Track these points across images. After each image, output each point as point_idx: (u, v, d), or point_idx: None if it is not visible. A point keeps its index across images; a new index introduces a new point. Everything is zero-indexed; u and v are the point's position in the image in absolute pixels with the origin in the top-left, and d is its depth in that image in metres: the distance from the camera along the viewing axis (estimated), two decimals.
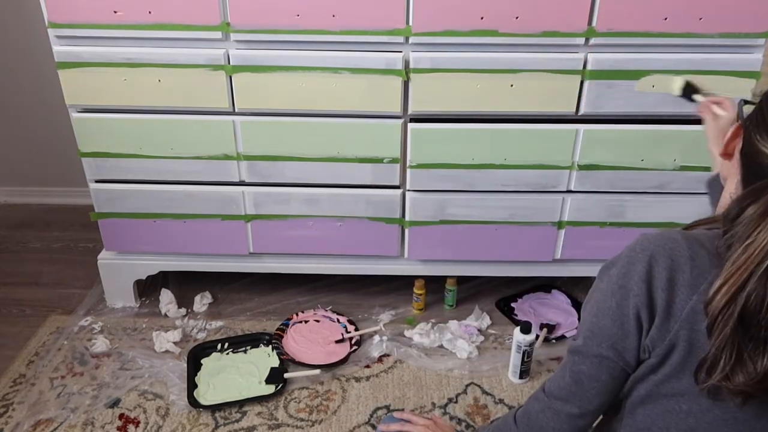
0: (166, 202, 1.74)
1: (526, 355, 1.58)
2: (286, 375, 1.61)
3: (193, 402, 1.53)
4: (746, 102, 0.82)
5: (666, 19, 1.49)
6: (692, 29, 1.50)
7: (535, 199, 1.71)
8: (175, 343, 1.75)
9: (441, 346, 1.75)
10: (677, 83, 1.42)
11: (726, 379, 0.70)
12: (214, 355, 1.71)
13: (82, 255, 2.21)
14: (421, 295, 1.89)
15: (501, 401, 1.56)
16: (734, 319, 0.68)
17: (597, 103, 1.57)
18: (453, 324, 1.81)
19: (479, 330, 1.81)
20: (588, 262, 1.85)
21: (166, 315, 1.89)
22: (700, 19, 1.48)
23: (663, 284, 0.74)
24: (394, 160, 1.67)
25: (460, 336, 1.76)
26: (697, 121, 1.61)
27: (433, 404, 1.55)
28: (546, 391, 0.91)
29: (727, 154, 0.82)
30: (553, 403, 0.89)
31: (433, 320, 1.84)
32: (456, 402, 1.56)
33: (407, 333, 1.79)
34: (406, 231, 1.77)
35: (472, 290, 2.01)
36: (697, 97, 1.41)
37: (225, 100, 1.59)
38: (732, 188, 0.81)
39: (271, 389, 1.58)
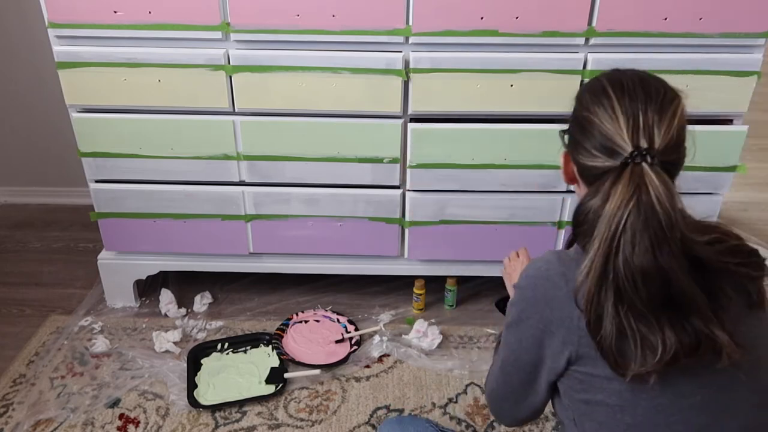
0: (166, 202, 1.74)
1: None
2: (286, 375, 1.61)
3: (193, 402, 1.53)
4: (564, 131, 0.93)
5: (666, 19, 1.49)
6: (692, 29, 1.50)
7: (535, 199, 1.71)
8: (175, 343, 1.75)
9: (440, 342, 1.75)
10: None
11: (643, 364, 0.75)
12: (214, 355, 1.71)
13: (82, 255, 2.21)
14: (421, 295, 1.89)
15: None
16: (611, 302, 0.75)
17: None
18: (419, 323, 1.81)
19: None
20: None
21: (166, 315, 1.89)
22: (700, 19, 1.48)
23: (550, 303, 0.83)
24: (394, 160, 1.67)
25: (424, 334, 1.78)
26: (697, 122, 1.62)
27: (433, 404, 1.55)
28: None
29: (571, 179, 0.92)
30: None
31: (432, 320, 1.84)
32: (456, 402, 1.56)
33: (405, 336, 1.79)
34: (406, 231, 1.77)
35: (472, 290, 2.01)
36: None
37: (225, 100, 1.59)
38: None
39: (271, 389, 1.58)
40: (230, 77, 1.56)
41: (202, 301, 1.93)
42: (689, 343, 0.75)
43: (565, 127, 0.92)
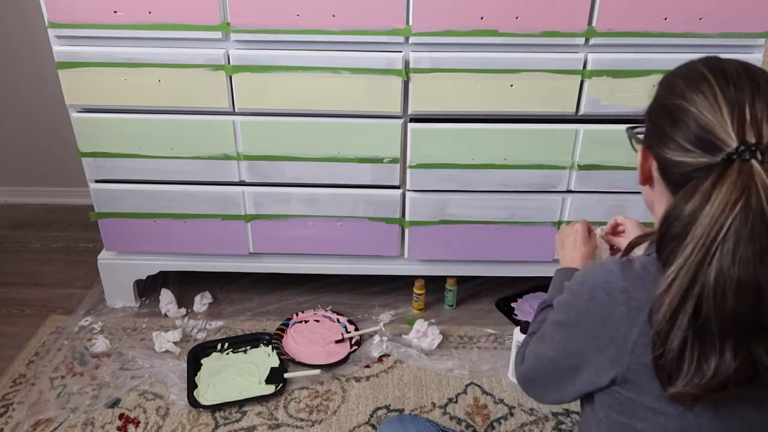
0: (166, 202, 1.74)
1: None
2: (286, 375, 1.61)
3: (193, 402, 1.53)
4: (632, 127, 0.84)
5: (666, 19, 1.49)
6: (692, 29, 1.50)
7: (535, 199, 1.71)
8: (175, 343, 1.75)
9: (440, 342, 1.75)
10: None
11: (688, 384, 0.69)
12: (214, 355, 1.71)
13: (82, 255, 2.21)
14: (421, 295, 1.89)
15: (501, 401, 1.56)
16: (688, 316, 0.67)
17: (597, 103, 1.57)
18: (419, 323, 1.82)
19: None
20: None
21: (166, 315, 1.89)
22: (700, 19, 1.48)
23: (602, 320, 0.76)
24: (394, 160, 1.67)
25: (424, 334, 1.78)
26: None
27: (433, 404, 1.55)
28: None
29: (646, 179, 0.83)
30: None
31: (432, 320, 1.84)
32: (456, 402, 1.56)
33: (405, 336, 1.79)
34: (406, 231, 1.77)
35: (472, 290, 2.01)
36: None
37: (225, 100, 1.59)
38: (662, 210, 0.79)
39: (271, 389, 1.58)
40: (230, 77, 1.56)
41: (202, 301, 1.93)
42: (745, 372, 0.68)
43: (634, 125, 0.83)
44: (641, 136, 0.81)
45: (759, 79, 0.71)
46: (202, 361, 1.68)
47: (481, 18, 1.49)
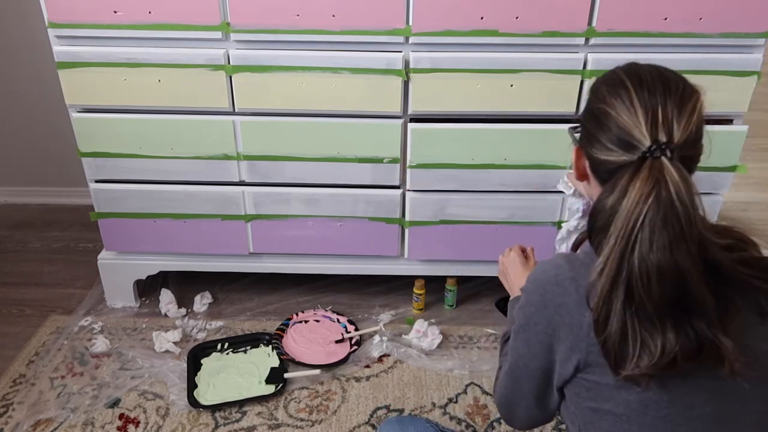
0: (166, 202, 1.74)
1: None
2: (285, 375, 1.61)
3: (193, 402, 1.53)
4: (573, 128, 0.92)
5: (666, 19, 1.49)
6: (692, 29, 1.50)
7: (535, 199, 1.71)
8: (175, 343, 1.75)
9: (440, 342, 1.75)
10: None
11: (637, 366, 0.74)
12: (214, 355, 1.71)
13: (82, 255, 2.21)
14: (421, 295, 1.89)
15: None
16: (621, 301, 0.73)
17: None
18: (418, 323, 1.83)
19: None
20: None
21: (166, 315, 1.89)
22: (700, 19, 1.48)
23: (558, 310, 0.81)
24: (394, 160, 1.67)
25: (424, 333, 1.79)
26: None
27: (433, 404, 1.55)
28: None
29: (582, 176, 0.89)
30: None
31: (432, 320, 1.84)
32: (456, 402, 1.56)
33: (405, 336, 1.79)
34: (406, 231, 1.77)
35: (472, 290, 2.01)
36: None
37: (225, 100, 1.59)
38: None
39: (271, 389, 1.58)
40: (230, 77, 1.56)
41: (202, 301, 1.93)
42: (690, 347, 0.74)
43: (574, 125, 0.91)
44: (578, 136, 0.89)
45: (671, 82, 0.78)
46: (202, 361, 1.68)
47: (481, 18, 1.49)
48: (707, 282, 0.74)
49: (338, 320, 1.86)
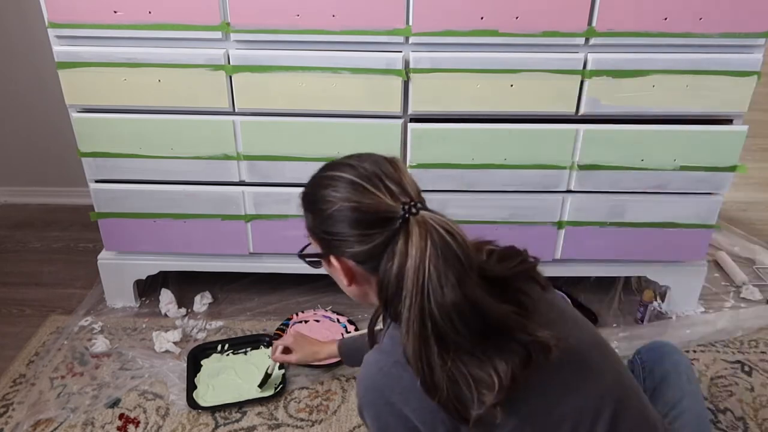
0: (166, 202, 1.74)
1: None
2: (273, 372, 1.58)
3: (193, 403, 1.53)
4: (303, 255, 0.96)
5: (666, 19, 1.49)
6: (692, 29, 1.50)
7: (535, 199, 1.71)
8: (175, 343, 1.75)
9: None
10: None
11: (481, 403, 0.76)
12: (214, 356, 1.71)
13: (82, 255, 2.21)
14: None
15: None
16: (437, 353, 0.76)
17: (597, 103, 1.58)
18: None
19: None
20: (588, 262, 1.85)
21: (166, 315, 1.89)
22: (700, 19, 1.48)
23: (399, 400, 0.82)
24: None
25: None
26: (697, 122, 1.62)
27: None
28: None
29: (351, 279, 0.91)
30: None
31: None
32: None
33: None
34: None
35: None
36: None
37: (225, 100, 1.59)
38: (374, 294, 0.89)
39: (270, 391, 1.57)
40: (230, 77, 1.56)
41: (202, 301, 1.93)
42: (521, 358, 0.77)
43: (304, 254, 0.94)
44: (320, 252, 0.91)
45: (372, 158, 0.86)
46: (201, 363, 1.68)
47: (481, 18, 1.49)
48: (499, 295, 0.79)
49: (338, 320, 1.86)
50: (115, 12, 1.50)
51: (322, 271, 0.97)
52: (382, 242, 0.81)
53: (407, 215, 0.79)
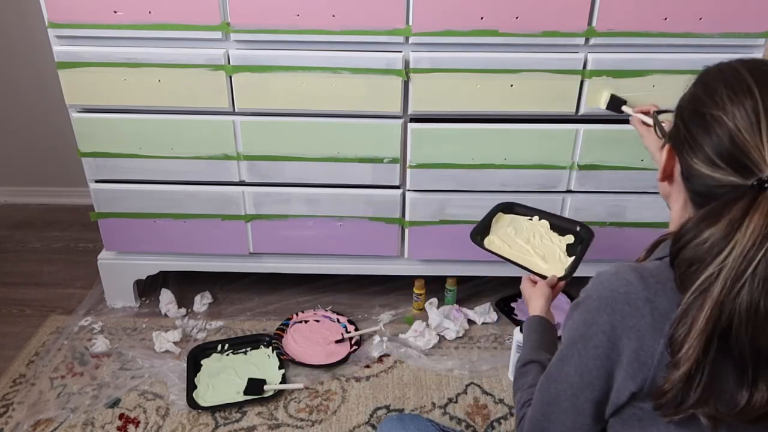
0: (166, 202, 1.74)
1: None
2: (266, 387, 1.57)
3: (193, 403, 1.53)
4: (659, 111, 0.79)
5: (666, 19, 1.49)
6: (692, 29, 1.50)
7: (535, 199, 1.71)
8: (175, 343, 1.75)
9: (440, 342, 1.75)
10: (603, 97, 1.45)
11: (703, 405, 0.66)
12: (214, 356, 1.71)
13: (82, 255, 2.21)
14: (421, 295, 1.89)
15: (501, 401, 1.56)
16: (714, 347, 0.64)
17: (596, 103, 1.58)
18: (446, 307, 1.88)
19: (473, 321, 1.86)
20: (588, 262, 1.84)
21: (166, 315, 1.89)
22: (700, 19, 1.48)
23: (627, 333, 0.70)
24: (394, 160, 1.67)
25: (446, 317, 1.82)
26: None
27: (433, 404, 1.55)
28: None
29: (666, 177, 0.79)
30: None
31: (427, 322, 1.84)
32: (456, 402, 1.56)
33: (402, 335, 1.79)
34: (406, 231, 1.77)
35: (472, 290, 2.01)
36: (625, 108, 1.47)
37: (225, 100, 1.59)
38: (678, 209, 0.77)
39: (270, 392, 1.57)
40: (230, 77, 1.56)
41: (202, 301, 1.93)
42: None
43: (663, 111, 0.78)
44: (666, 129, 0.77)
45: None
46: (201, 363, 1.68)
47: (481, 18, 1.49)
48: None
49: (338, 320, 1.86)
50: (115, 12, 1.50)
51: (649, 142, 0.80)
52: (719, 182, 0.66)
53: (766, 184, 0.62)
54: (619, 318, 0.70)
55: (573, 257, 1.47)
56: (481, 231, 1.56)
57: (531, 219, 1.61)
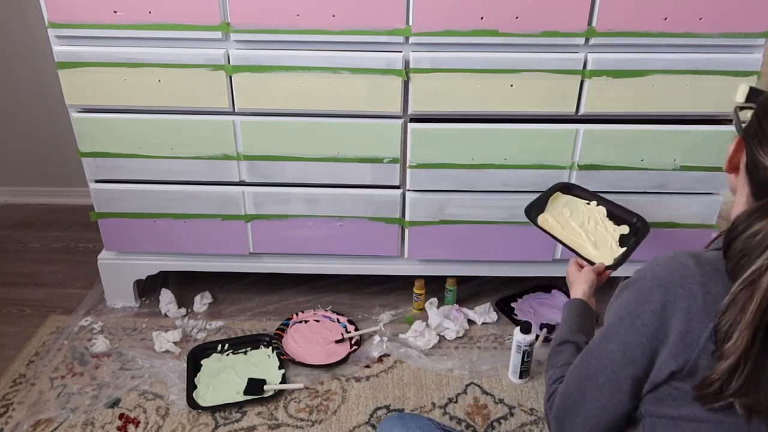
0: (166, 202, 1.74)
1: (526, 355, 1.58)
2: (266, 387, 1.57)
3: (193, 403, 1.53)
4: (741, 107, 0.82)
5: (666, 19, 1.49)
6: (692, 29, 1.50)
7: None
8: (175, 343, 1.75)
9: (440, 341, 1.75)
10: (740, 89, 1.39)
11: (743, 395, 0.68)
12: (214, 356, 1.71)
13: (82, 255, 2.21)
14: (421, 295, 1.89)
15: (501, 401, 1.56)
16: (759, 339, 0.66)
17: (597, 103, 1.58)
18: (446, 307, 1.87)
19: (473, 321, 1.86)
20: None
21: (166, 315, 1.89)
22: (700, 19, 1.48)
23: (677, 314, 0.72)
24: (394, 160, 1.67)
25: (446, 317, 1.82)
26: (697, 122, 1.62)
27: (433, 404, 1.55)
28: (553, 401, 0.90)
29: (732, 168, 0.80)
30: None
31: (426, 322, 1.84)
32: (456, 402, 1.56)
33: (402, 335, 1.79)
34: (406, 231, 1.77)
35: (472, 290, 2.01)
36: None
37: (225, 100, 1.59)
38: (743, 202, 0.79)
39: (270, 392, 1.57)
40: (230, 77, 1.56)
41: (202, 301, 1.93)
42: None
43: (747, 106, 0.81)
44: (743, 124, 0.78)
45: None
46: (201, 362, 1.68)
47: (481, 18, 1.49)
48: None
49: (338, 320, 1.86)
50: (115, 12, 1.50)
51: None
52: None
53: None
54: (672, 299, 0.72)
55: (624, 248, 1.44)
56: (537, 207, 1.54)
57: (589, 203, 1.59)
